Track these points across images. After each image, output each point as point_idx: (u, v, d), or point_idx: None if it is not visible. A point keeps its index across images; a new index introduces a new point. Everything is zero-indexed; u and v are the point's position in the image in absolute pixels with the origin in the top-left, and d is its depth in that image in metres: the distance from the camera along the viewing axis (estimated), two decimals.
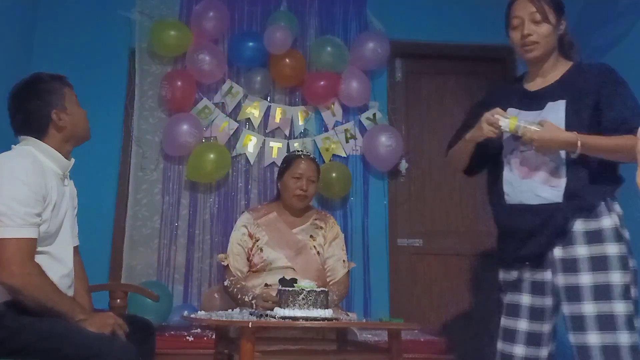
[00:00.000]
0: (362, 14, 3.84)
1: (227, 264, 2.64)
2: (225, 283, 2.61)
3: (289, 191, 2.71)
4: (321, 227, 2.76)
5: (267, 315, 1.98)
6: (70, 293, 1.94)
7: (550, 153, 1.88)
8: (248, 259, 2.67)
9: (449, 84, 3.98)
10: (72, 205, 2.06)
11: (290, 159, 2.79)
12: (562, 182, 1.87)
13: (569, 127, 1.86)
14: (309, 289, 1.89)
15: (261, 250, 2.64)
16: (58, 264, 1.89)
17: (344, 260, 2.74)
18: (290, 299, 1.88)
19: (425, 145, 3.87)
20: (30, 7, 3.56)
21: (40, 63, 3.55)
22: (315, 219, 2.79)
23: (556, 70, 2.02)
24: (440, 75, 3.99)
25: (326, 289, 1.99)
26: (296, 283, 1.94)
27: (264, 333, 2.28)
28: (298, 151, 2.89)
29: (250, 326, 1.88)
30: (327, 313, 1.89)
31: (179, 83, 3.50)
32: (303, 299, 1.88)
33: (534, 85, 2.05)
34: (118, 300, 2.46)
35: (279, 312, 1.89)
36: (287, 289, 1.91)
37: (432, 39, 3.85)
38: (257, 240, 2.67)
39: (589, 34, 3.59)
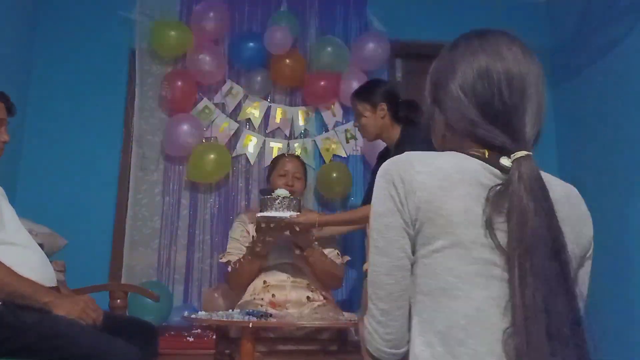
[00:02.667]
0: (363, 14, 3.84)
1: (228, 260, 2.65)
2: (228, 269, 2.62)
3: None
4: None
5: (268, 315, 1.99)
6: (52, 283, 1.91)
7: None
8: None
9: None
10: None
11: (275, 160, 2.89)
12: None
13: None
14: (283, 196, 2.28)
15: None
16: (32, 253, 1.88)
17: (338, 253, 2.76)
18: (269, 204, 2.28)
19: None
20: (30, 7, 3.56)
21: (40, 63, 3.56)
22: None
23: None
24: None
25: (299, 198, 2.41)
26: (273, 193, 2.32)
27: (264, 333, 2.28)
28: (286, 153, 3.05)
29: (250, 326, 1.89)
30: (295, 214, 2.30)
31: (179, 83, 3.50)
32: (279, 203, 2.27)
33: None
34: (118, 301, 2.46)
35: (259, 214, 2.28)
36: (266, 196, 2.27)
37: (432, 39, 3.82)
38: (254, 238, 2.69)
39: (589, 34, 3.60)
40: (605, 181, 3.27)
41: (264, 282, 2.58)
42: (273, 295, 2.46)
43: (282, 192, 2.30)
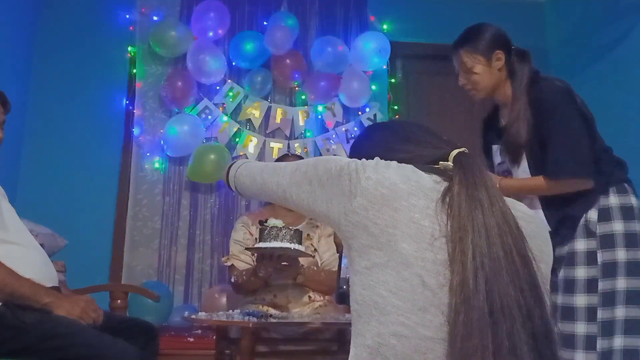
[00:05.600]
0: (363, 14, 3.85)
1: (232, 264, 2.64)
2: (232, 280, 2.60)
3: None
4: (317, 226, 2.78)
5: (268, 316, 1.99)
6: (54, 283, 1.91)
7: None
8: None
9: (449, 84, 3.95)
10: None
11: (278, 160, 2.85)
12: None
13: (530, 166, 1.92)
14: (271, 225, 2.20)
15: None
16: (33, 252, 1.88)
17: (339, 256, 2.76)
18: (260, 235, 2.21)
19: None
20: (30, 7, 3.56)
21: (40, 63, 3.56)
22: (311, 218, 2.80)
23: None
24: (440, 76, 3.98)
25: (300, 229, 2.25)
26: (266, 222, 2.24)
27: (264, 334, 2.28)
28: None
29: (250, 326, 1.89)
30: (297, 246, 2.18)
31: (180, 83, 3.50)
32: (267, 233, 2.20)
33: (504, 116, 2.02)
34: (119, 301, 2.45)
35: (256, 245, 2.21)
36: (267, 225, 2.21)
37: (432, 40, 3.85)
38: (257, 240, 2.68)
39: (589, 34, 3.60)
40: None
41: (266, 283, 2.57)
42: (274, 296, 2.46)
43: (272, 222, 2.23)
